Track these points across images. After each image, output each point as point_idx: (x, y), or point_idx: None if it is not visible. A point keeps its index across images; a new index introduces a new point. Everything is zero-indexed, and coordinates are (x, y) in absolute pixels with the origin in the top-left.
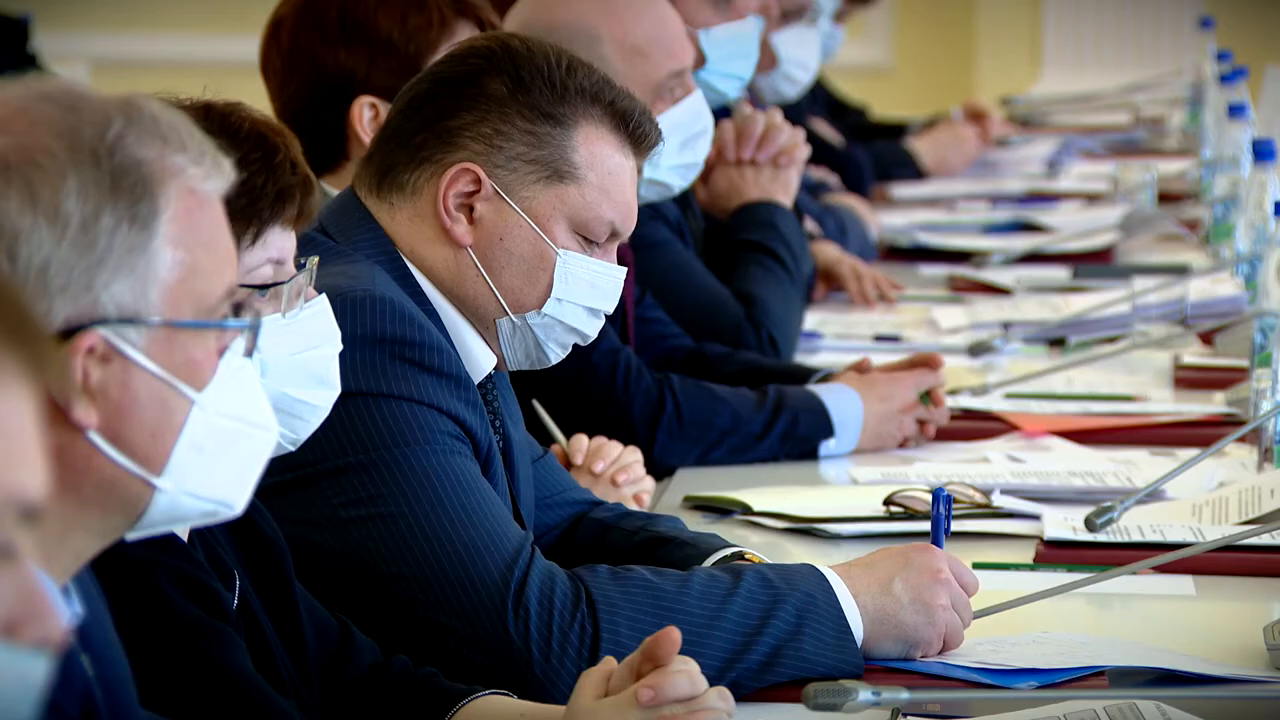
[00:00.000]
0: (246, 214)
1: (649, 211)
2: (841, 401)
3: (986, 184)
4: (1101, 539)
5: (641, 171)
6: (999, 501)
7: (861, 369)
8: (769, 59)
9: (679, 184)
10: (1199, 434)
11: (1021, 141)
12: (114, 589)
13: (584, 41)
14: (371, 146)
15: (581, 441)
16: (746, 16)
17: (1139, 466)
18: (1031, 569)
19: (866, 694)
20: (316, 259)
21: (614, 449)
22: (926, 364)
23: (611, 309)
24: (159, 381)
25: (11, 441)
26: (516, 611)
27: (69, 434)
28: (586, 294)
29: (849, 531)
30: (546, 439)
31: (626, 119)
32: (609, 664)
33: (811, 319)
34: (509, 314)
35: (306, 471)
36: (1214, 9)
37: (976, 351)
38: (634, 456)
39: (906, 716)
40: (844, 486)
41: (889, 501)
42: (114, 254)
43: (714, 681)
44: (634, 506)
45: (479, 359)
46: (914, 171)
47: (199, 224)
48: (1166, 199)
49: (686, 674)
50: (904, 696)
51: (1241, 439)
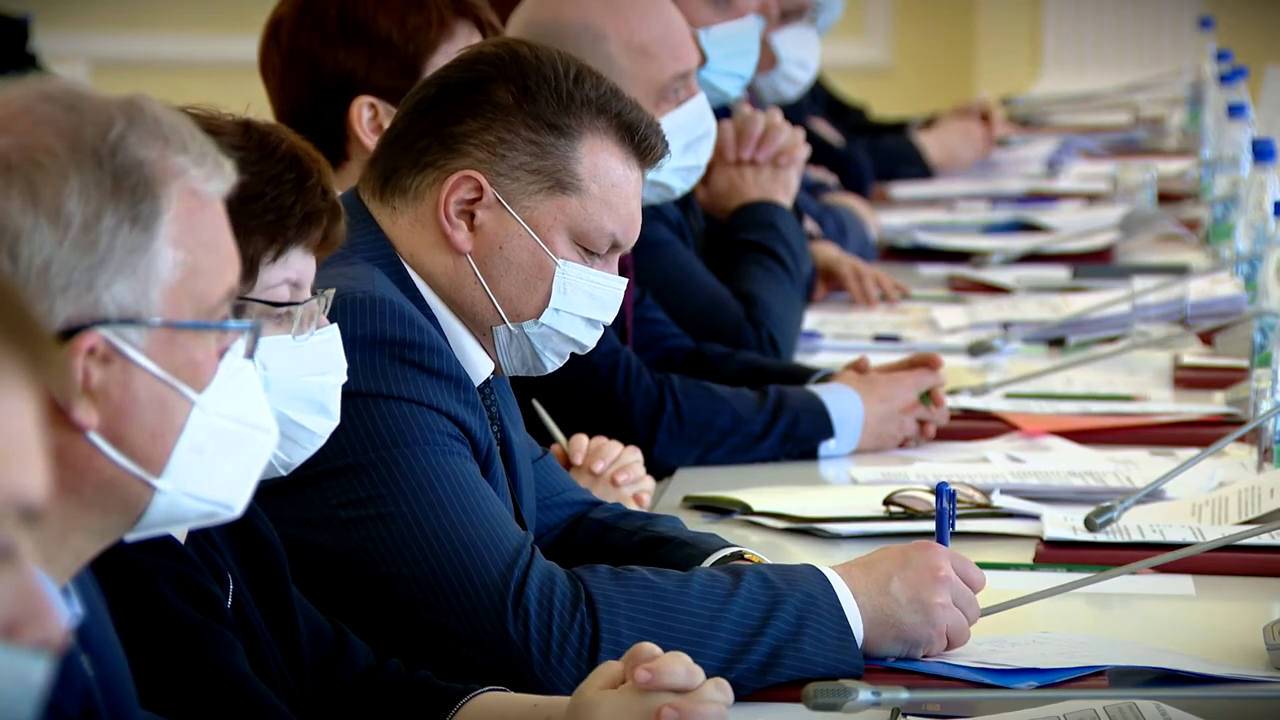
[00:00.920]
0: (272, 231)
1: (650, 212)
2: (842, 402)
3: (986, 184)
4: (1101, 539)
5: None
6: (999, 501)
7: (859, 368)
8: (769, 59)
9: (681, 186)
10: (1199, 434)
11: (1021, 141)
12: (113, 591)
13: (589, 40)
14: (376, 149)
15: (581, 441)
16: (747, 16)
17: (1139, 466)
18: (1031, 569)
19: (866, 694)
20: (333, 290)
21: (614, 449)
22: (926, 364)
23: (610, 320)
24: (159, 382)
25: (12, 442)
26: (516, 612)
27: (69, 435)
28: (585, 305)
29: (849, 531)
30: (546, 439)
31: (633, 131)
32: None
33: (811, 319)
34: (506, 322)
35: (306, 472)
36: (1214, 9)
37: (976, 351)
38: (634, 456)
39: (906, 716)
40: (844, 486)
41: (889, 501)
42: (115, 254)
43: None
44: (634, 506)
45: (477, 364)
46: (920, 169)
47: (200, 225)
48: (1166, 199)
49: (684, 663)
50: (904, 696)
51: (1241, 439)
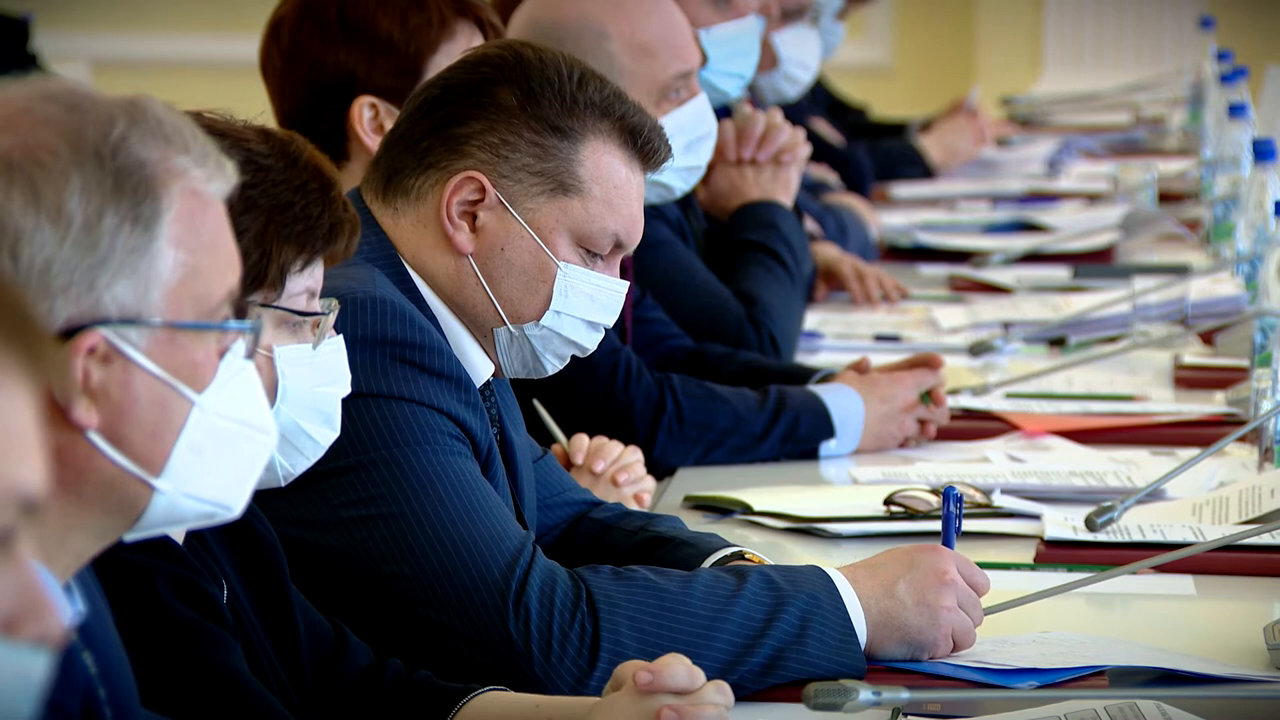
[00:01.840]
0: (301, 240)
1: (650, 211)
2: (842, 402)
3: (987, 184)
4: (1102, 539)
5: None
6: (999, 501)
7: (860, 368)
8: (770, 59)
9: (682, 186)
10: (1199, 434)
11: (1022, 141)
12: (111, 592)
13: (591, 39)
14: (379, 149)
15: (582, 441)
16: (747, 16)
17: (1139, 466)
18: (1032, 569)
19: (867, 694)
20: (336, 301)
21: (614, 449)
22: (927, 364)
23: (611, 322)
24: (159, 382)
25: (11, 436)
26: (517, 611)
27: (69, 434)
28: (586, 307)
29: (849, 531)
30: (547, 439)
31: (636, 134)
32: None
33: (812, 319)
34: (507, 324)
35: (307, 472)
36: (1214, 9)
37: (977, 351)
38: (634, 456)
39: (907, 716)
40: (844, 486)
41: (889, 501)
42: (116, 254)
43: None
44: (634, 506)
45: (477, 366)
46: (921, 169)
47: (202, 225)
48: (1167, 199)
49: (684, 665)
50: (904, 696)
51: (1242, 439)
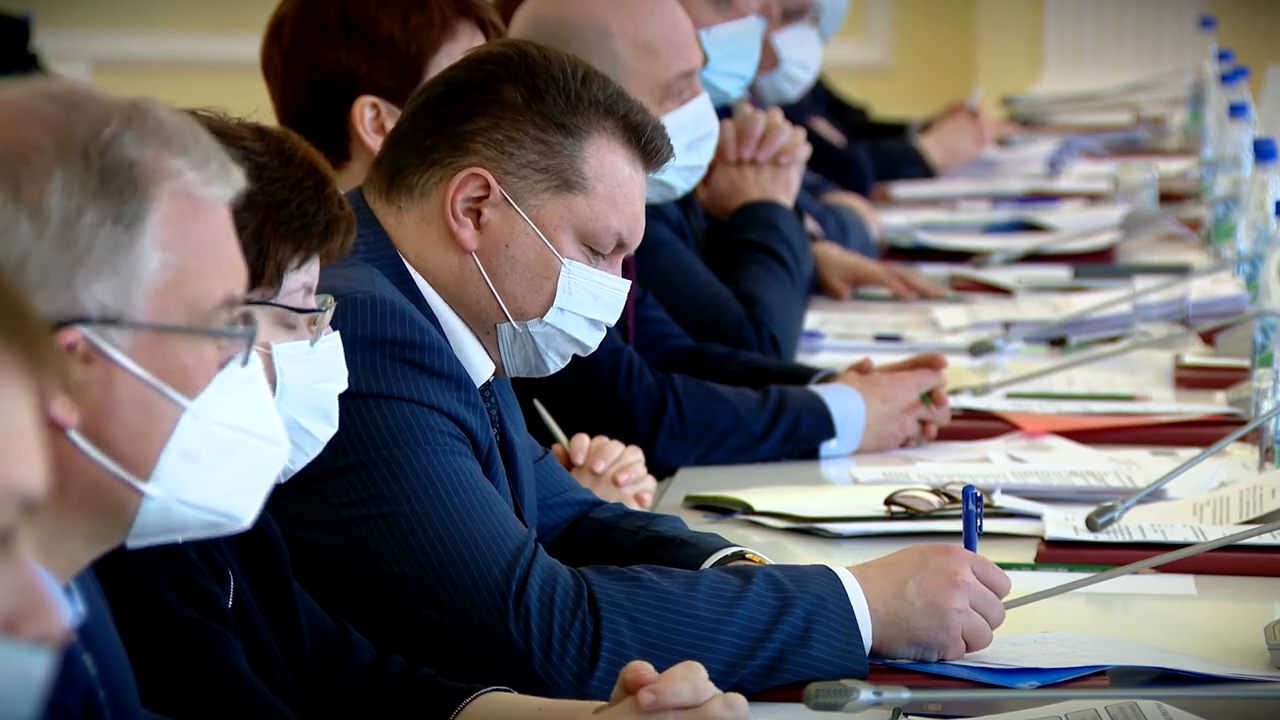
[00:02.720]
0: (298, 237)
1: (650, 211)
2: (843, 402)
3: (987, 184)
4: (1102, 539)
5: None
6: (1000, 501)
7: (863, 369)
8: (770, 59)
9: (683, 186)
10: (1200, 434)
11: (1022, 141)
12: (113, 592)
13: (594, 37)
14: (382, 149)
15: (583, 441)
16: (748, 16)
17: (1140, 466)
18: (1033, 569)
19: (868, 694)
20: (331, 298)
21: (615, 449)
22: (928, 364)
23: (613, 321)
24: (144, 384)
25: (10, 435)
26: (518, 610)
27: (54, 433)
28: (589, 305)
29: (850, 531)
30: (548, 439)
31: (639, 133)
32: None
33: (812, 319)
34: (510, 321)
35: (307, 473)
36: (1215, 9)
37: (977, 351)
38: (635, 456)
39: (908, 716)
40: (845, 486)
41: (890, 501)
42: (95, 252)
43: (717, 684)
44: (635, 506)
45: (478, 366)
46: (922, 169)
47: (193, 229)
48: (1167, 199)
49: (689, 681)
50: (905, 696)
51: (1243, 439)
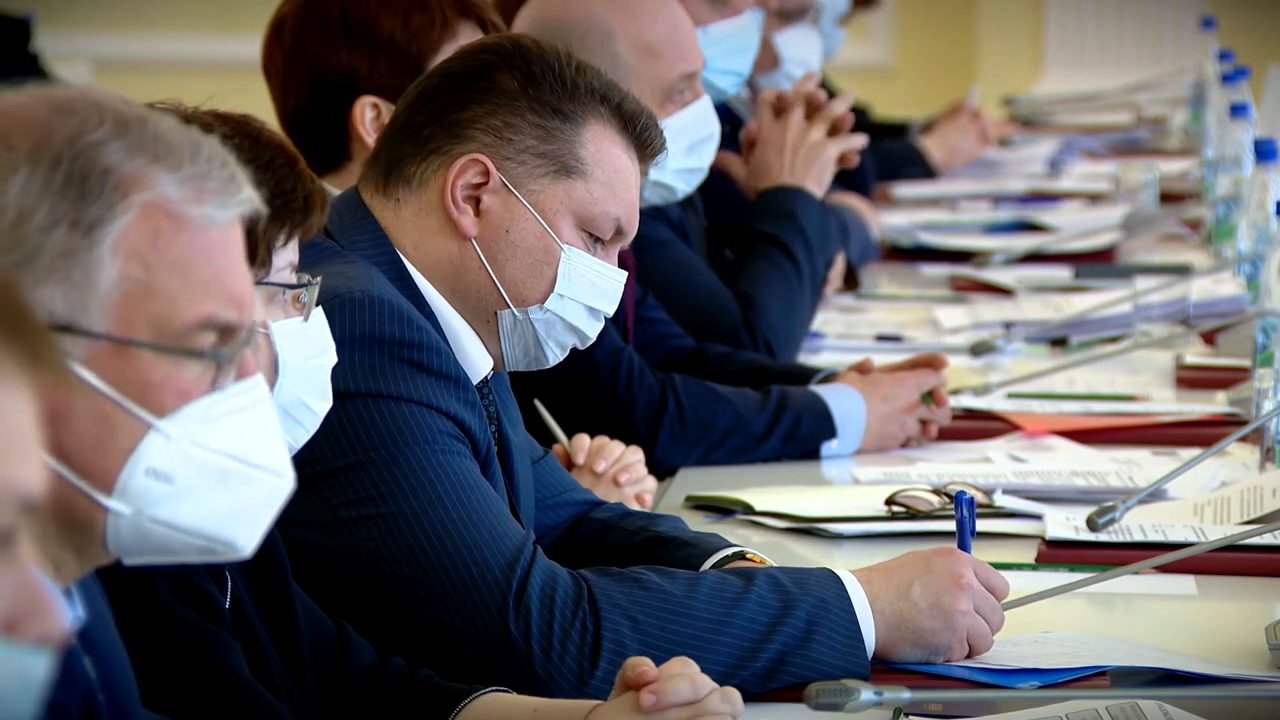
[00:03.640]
0: (280, 215)
1: (651, 211)
2: (844, 402)
3: (988, 184)
4: (1103, 539)
5: (646, 175)
6: (1001, 501)
7: (863, 369)
8: (771, 58)
9: (683, 188)
10: (1201, 434)
11: (1023, 141)
12: (112, 594)
13: (597, 38)
14: (377, 144)
15: (583, 441)
16: (743, 12)
17: (1141, 466)
18: (1033, 569)
19: (868, 694)
20: (320, 277)
21: (616, 449)
22: (929, 364)
23: (612, 311)
24: (100, 396)
25: (10, 436)
26: (518, 610)
27: None
28: (588, 293)
29: (851, 531)
30: (548, 439)
31: (633, 121)
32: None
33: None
34: (511, 307)
35: (306, 473)
36: (1216, 9)
37: (978, 351)
38: (636, 456)
39: (908, 716)
40: (846, 486)
41: (891, 501)
42: (43, 256)
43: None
44: (636, 506)
45: (476, 361)
46: (923, 169)
47: (167, 246)
48: (1168, 199)
49: (687, 678)
50: (905, 696)
51: (1243, 439)
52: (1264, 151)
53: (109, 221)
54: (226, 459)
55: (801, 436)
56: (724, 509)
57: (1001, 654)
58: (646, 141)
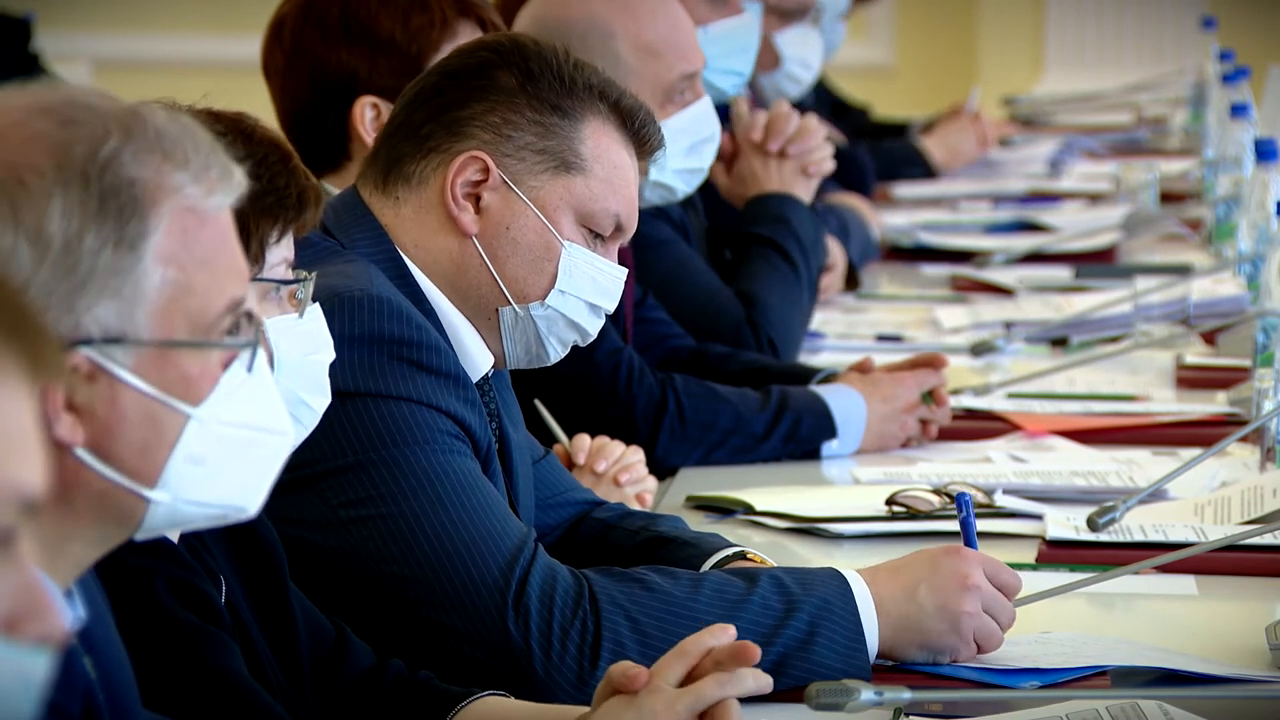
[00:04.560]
0: (274, 211)
1: (652, 211)
2: (844, 402)
3: (989, 184)
4: (1104, 539)
5: (647, 173)
6: (1001, 501)
7: (864, 369)
8: (772, 58)
9: (683, 189)
10: (1201, 434)
11: (1024, 141)
12: (112, 595)
13: (597, 38)
14: (376, 143)
15: (584, 441)
16: (743, 11)
17: (1141, 466)
18: (1034, 569)
19: (869, 694)
20: (316, 274)
21: (616, 448)
22: (929, 364)
23: (612, 308)
24: (149, 399)
25: (11, 436)
26: (517, 609)
27: (60, 449)
28: (589, 289)
29: (851, 531)
30: (549, 438)
31: (631, 118)
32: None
33: (814, 318)
34: (512, 304)
35: (305, 472)
36: (1216, 9)
37: (979, 351)
38: (636, 456)
39: (909, 716)
40: (846, 486)
41: (891, 501)
42: (97, 276)
43: None
44: (636, 506)
45: (477, 359)
46: (923, 170)
47: (195, 243)
48: (1169, 199)
49: (681, 664)
50: (906, 696)
51: (1244, 439)
52: (1264, 151)
53: (149, 235)
54: (246, 430)
55: (802, 436)
56: (724, 509)
57: (1002, 654)
58: (645, 138)
